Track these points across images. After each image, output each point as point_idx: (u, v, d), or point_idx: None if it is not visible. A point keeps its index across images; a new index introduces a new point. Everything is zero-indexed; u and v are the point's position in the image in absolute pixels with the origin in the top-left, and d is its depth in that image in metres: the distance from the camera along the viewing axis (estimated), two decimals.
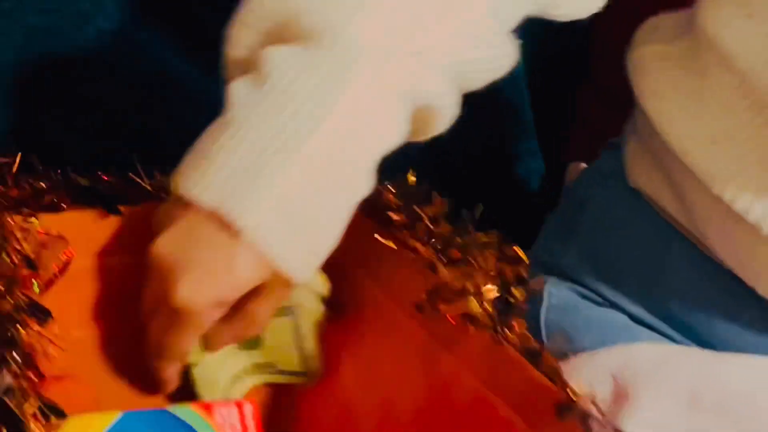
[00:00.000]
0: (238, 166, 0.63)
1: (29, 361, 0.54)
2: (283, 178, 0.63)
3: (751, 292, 0.80)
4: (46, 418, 0.50)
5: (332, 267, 0.73)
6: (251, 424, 0.66)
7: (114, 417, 0.61)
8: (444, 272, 0.68)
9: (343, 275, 0.75)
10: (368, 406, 0.72)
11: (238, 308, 0.67)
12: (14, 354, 0.53)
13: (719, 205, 0.78)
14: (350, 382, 0.73)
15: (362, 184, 0.66)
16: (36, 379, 0.53)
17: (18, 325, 0.54)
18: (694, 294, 0.83)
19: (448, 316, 0.67)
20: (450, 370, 0.68)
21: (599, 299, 0.86)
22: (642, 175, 0.86)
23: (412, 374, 0.70)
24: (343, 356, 0.74)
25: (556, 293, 0.87)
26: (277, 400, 0.72)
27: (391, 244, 0.71)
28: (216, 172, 0.63)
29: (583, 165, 1.01)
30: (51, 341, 0.55)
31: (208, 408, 0.65)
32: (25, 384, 0.52)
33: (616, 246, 0.87)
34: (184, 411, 0.64)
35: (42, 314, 0.55)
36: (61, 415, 0.52)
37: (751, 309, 0.81)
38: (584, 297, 0.87)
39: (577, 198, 0.94)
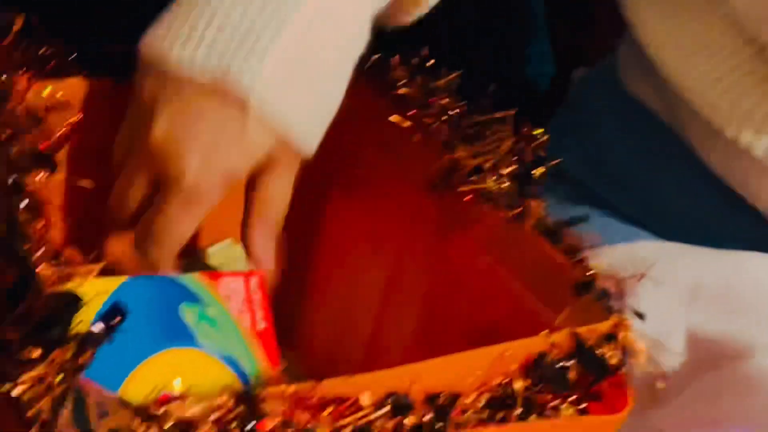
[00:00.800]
0: (236, 32, 0.60)
1: (36, 210, 0.52)
2: (283, 39, 0.60)
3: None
4: (57, 262, 0.49)
5: (341, 145, 0.72)
6: (257, 296, 0.64)
7: (119, 281, 0.59)
8: (459, 150, 0.67)
9: (353, 153, 0.73)
10: (375, 280, 0.71)
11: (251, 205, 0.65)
12: (21, 202, 0.51)
13: (720, 136, 0.78)
14: (358, 257, 0.71)
15: (360, 39, 0.64)
16: (42, 227, 0.51)
17: (24, 173, 0.52)
18: (689, 197, 0.83)
19: (463, 194, 0.66)
20: (463, 249, 0.67)
21: (599, 200, 0.86)
22: (635, 84, 0.86)
23: (422, 251, 0.69)
24: (351, 232, 0.73)
25: (556, 192, 0.86)
26: (286, 276, 0.71)
27: (404, 122, 0.69)
28: (211, 42, 0.60)
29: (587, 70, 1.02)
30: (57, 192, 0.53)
31: (214, 277, 0.63)
32: (32, 231, 0.50)
33: (614, 149, 0.87)
34: (189, 279, 0.62)
35: (49, 164, 0.53)
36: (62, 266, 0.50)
37: (746, 215, 0.81)
38: (584, 197, 0.87)
39: (578, 101, 0.94)
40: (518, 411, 0.55)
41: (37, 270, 0.47)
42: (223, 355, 0.61)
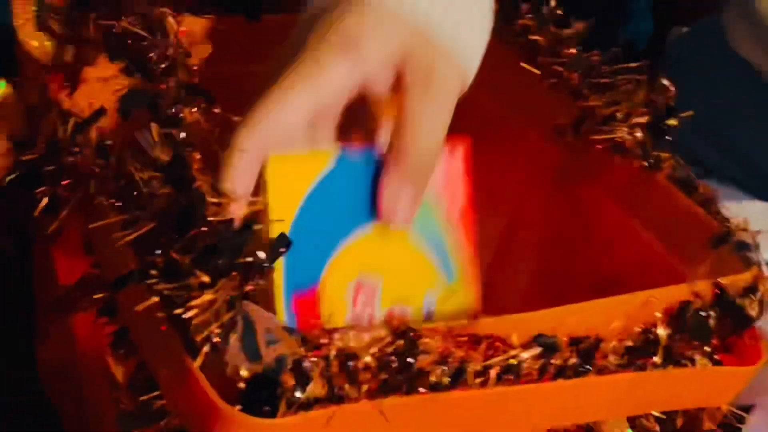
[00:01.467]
0: None
1: (192, 142, 0.52)
2: None
3: None
4: (217, 193, 0.49)
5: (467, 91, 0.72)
6: (458, 166, 0.59)
7: (330, 156, 0.56)
8: (591, 98, 0.67)
9: (473, 100, 0.73)
10: (496, 227, 0.71)
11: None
12: (179, 133, 0.52)
13: None
14: (480, 205, 0.71)
15: None
16: (198, 158, 0.52)
17: (181, 105, 0.53)
18: None
19: (593, 143, 0.66)
20: (591, 200, 0.66)
21: (698, 161, 0.85)
22: (743, 45, 0.85)
23: (547, 199, 0.69)
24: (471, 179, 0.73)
25: None
26: None
27: (535, 70, 0.69)
28: None
29: (686, 29, 1.01)
30: (213, 124, 0.53)
31: None
32: (193, 161, 0.51)
33: (716, 108, 0.86)
34: None
35: (207, 97, 0.54)
36: (224, 195, 0.50)
37: None
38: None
39: (677, 60, 0.93)
40: (657, 359, 0.56)
41: (204, 198, 0.48)
42: (422, 231, 0.58)
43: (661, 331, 0.54)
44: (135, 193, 0.49)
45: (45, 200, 0.53)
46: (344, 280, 0.57)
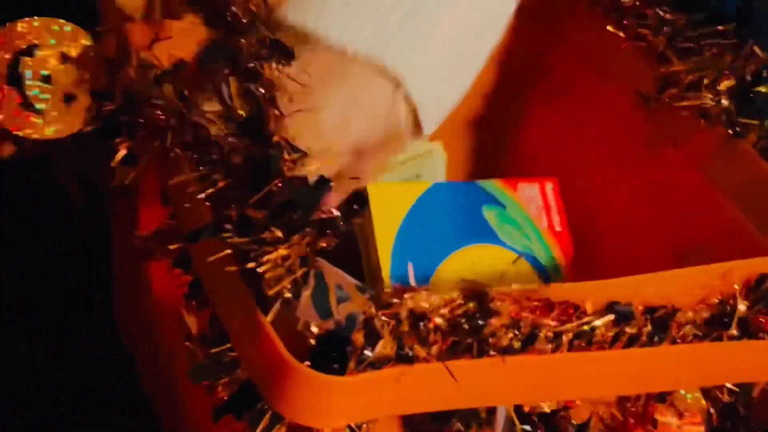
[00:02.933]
0: (393, 16, 0.57)
1: (272, 97, 0.52)
2: (437, 33, 0.58)
3: None
4: (292, 150, 0.49)
5: (540, 54, 0.71)
6: (553, 201, 0.67)
7: (426, 186, 0.64)
8: (676, 63, 0.65)
9: (554, 63, 0.72)
10: (577, 190, 0.70)
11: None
12: (258, 88, 0.52)
13: None
14: (559, 169, 0.71)
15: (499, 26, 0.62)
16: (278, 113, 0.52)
17: (261, 60, 0.53)
18: None
19: (677, 109, 0.65)
20: (674, 165, 0.65)
21: None
22: None
23: (627, 164, 0.68)
24: (550, 144, 0.72)
25: None
26: None
27: (620, 33, 0.68)
28: (368, 19, 0.57)
29: None
30: (292, 79, 0.53)
31: (512, 184, 0.67)
32: (268, 117, 0.51)
33: None
34: (490, 185, 0.67)
35: (287, 54, 0.54)
36: (299, 151, 0.50)
37: None
38: None
39: (766, 24, 0.91)
40: (733, 331, 0.55)
41: (281, 154, 0.48)
42: (523, 251, 0.65)
43: (740, 304, 0.54)
44: (212, 147, 0.50)
45: (123, 151, 0.53)
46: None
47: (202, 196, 0.47)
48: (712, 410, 0.56)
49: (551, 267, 0.66)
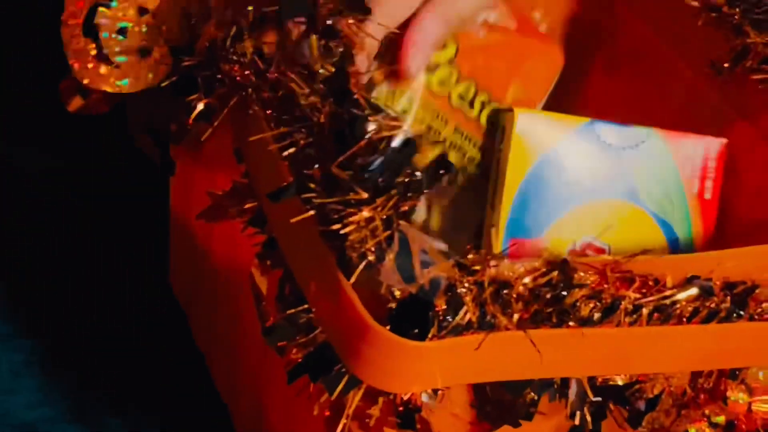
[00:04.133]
0: None
1: (350, 55, 0.51)
2: None
3: None
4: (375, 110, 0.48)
5: (607, 20, 0.70)
6: (713, 164, 0.62)
7: (580, 122, 0.60)
8: (752, 34, 0.64)
9: (620, 30, 0.71)
10: None
11: None
12: (338, 46, 0.51)
13: None
14: None
15: None
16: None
17: (338, 17, 0.52)
18: None
19: (752, 82, 0.63)
20: (744, 139, 0.64)
21: None
22: None
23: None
24: (614, 113, 0.71)
25: None
26: None
27: (694, 2, 0.66)
28: None
29: None
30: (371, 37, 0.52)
31: (674, 136, 0.62)
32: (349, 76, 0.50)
33: None
34: (649, 132, 0.61)
35: (363, 8, 0.53)
36: (381, 111, 0.50)
37: None
38: None
39: None
40: None
41: (366, 114, 0.47)
42: (660, 217, 0.61)
43: None
44: (293, 105, 0.49)
45: (200, 107, 0.52)
46: (570, 239, 0.59)
47: (286, 153, 0.47)
48: None
49: (685, 242, 0.62)
